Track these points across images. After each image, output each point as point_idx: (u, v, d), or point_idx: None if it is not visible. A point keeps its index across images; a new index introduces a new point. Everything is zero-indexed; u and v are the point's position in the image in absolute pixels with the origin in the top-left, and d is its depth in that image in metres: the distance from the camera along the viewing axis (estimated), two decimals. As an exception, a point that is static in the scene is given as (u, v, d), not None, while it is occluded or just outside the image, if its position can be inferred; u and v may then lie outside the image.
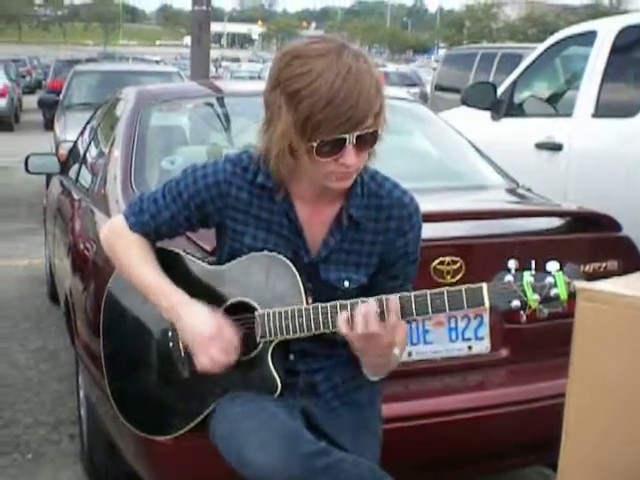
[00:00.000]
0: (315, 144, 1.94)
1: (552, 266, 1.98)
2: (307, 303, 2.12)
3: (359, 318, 1.99)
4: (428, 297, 2.02)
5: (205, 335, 2.11)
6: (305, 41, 2.00)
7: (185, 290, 2.21)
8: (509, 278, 2.00)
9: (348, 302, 2.05)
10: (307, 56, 1.93)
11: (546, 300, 1.98)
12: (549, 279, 1.98)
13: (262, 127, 2.06)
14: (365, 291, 2.18)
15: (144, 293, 2.22)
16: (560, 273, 1.98)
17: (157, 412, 2.36)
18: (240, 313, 2.19)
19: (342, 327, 2.02)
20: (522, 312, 2.00)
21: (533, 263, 2.00)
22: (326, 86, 1.89)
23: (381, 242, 2.19)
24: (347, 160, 1.98)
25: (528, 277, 1.99)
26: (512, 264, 2.00)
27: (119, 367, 2.43)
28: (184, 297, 2.17)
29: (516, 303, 1.99)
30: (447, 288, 2.03)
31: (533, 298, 1.98)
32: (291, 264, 2.13)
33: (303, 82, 1.91)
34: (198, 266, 2.29)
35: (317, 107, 1.89)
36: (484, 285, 2.00)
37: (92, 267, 3.19)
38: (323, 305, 2.08)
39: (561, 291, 1.97)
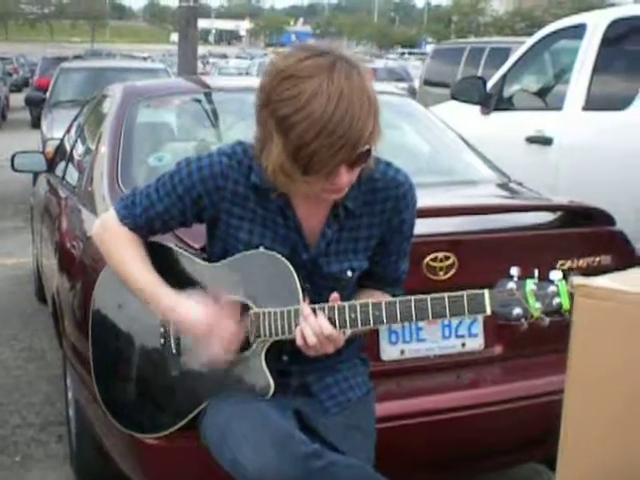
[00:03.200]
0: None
1: (555, 275, 1.96)
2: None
3: (311, 338, 2.01)
4: (428, 302, 2.00)
5: (198, 331, 2.08)
6: (296, 56, 1.90)
7: (178, 287, 2.17)
8: (511, 285, 1.97)
9: (346, 304, 2.03)
10: (297, 76, 1.85)
11: (548, 309, 1.95)
12: (552, 288, 1.95)
13: (255, 141, 2.01)
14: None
15: (136, 292, 2.19)
16: (563, 282, 1.95)
17: (147, 411, 2.33)
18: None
19: (297, 340, 2.03)
20: (524, 320, 1.97)
21: (536, 271, 1.97)
22: (317, 113, 1.82)
23: (378, 223, 2.18)
24: (339, 182, 1.95)
25: (531, 285, 1.96)
26: (515, 271, 1.97)
27: (108, 366, 2.40)
28: (176, 296, 2.13)
29: (518, 311, 1.96)
30: (448, 294, 2.00)
31: (535, 306, 1.95)
32: (288, 263, 2.08)
33: (293, 107, 1.84)
34: (193, 262, 2.25)
35: (308, 136, 1.83)
36: (486, 291, 1.98)
37: (79, 266, 3.15)
38: (319, 306, 2.05)
39: (564, 300, 1.93)
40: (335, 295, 2.05)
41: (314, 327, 2.01)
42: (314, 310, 2.02)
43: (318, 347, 2.03)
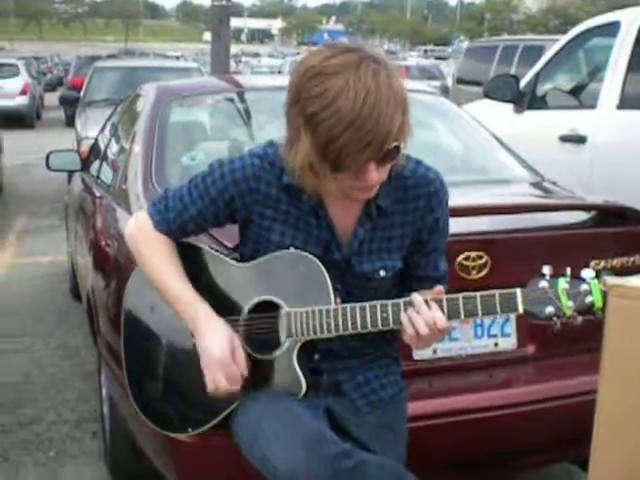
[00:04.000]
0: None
1: (587, 273, 1.95)
2: (335, 303, 2.09)
3: (421, 325, 2.00)
4: (460, 301, 2.00)
5: (215, 359, 2.09)
6: (324, 53, 1.91)
7: (210, 287, 2.19)
8: (543, 284, 1.97)
9: (378, 303, 2.04)
10: (324, 74, 1.86)
11: (581, 307, 1.94)
12: (584, 286, 1.94)
13: (285, 141, 2.01)
14: (399, 274, 2.19)
15: (166, 299, 2.20)
16: (595, 281, 1.94)
17: (179, 409, 2.33)
18: (266, 311, 2.16)
19: (408, 330, 2.01)
20: (556, 319, 1.97)
21: (568, 270, 1.97)
22: (345, 110, 1.82)
23: (411, 222, 2.17)
24: (369, 179, 1.94)
25: (563, 284, 1.96)
26: (547, 270, 1.97)
27: (140, 365, 2.41)
28: (205, 310, 2.14)
29: (550, 310, 1.96)
30: (480, 292, 2.00)
31: (568, 305, 1.95)
32: (319, 263, 2.09)
33: (320, 104, 1.85)
34: (224, 263, 2.26)
35: (336, 132, 1.84)
36: (518, 290, 1.98)
37: (114, 264, 3.17)
38: (352, 306, 2.06)
39: (596, 299, 1.93)
40: (439, 288, 2.05)
41: (427, 318, 2.00)
42: (426, 301, 2.01)
43: (428, 339, 2.03)
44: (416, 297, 2.03)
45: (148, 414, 2.38)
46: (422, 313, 2.00)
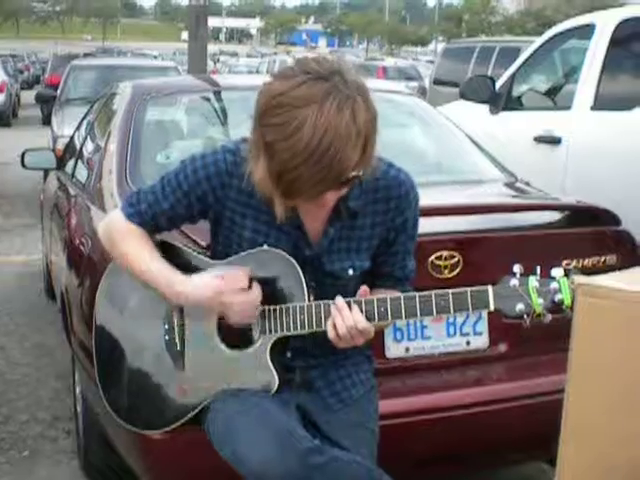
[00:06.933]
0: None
1: (557, 272, 2.01)
2: (309, 300, 2.10)
3: (344, 331, 2.03)
4: (433, 298, 2.03)
5: (210, 294, 2.09)
6: (294, 78, 1.87)
7: None
8: (514, 282, 2.02)
9: (351, 300, 2.06)
10: (288, 104, 1.84)
11: (550, 305, 2.00)
12: (554, 284, 2.00)
13: (249, 147, 2.00)
14: (367, 274, 2.21)
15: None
16: (565, 279, 2.00)
17: (151, 407, 2.33)
18: None
19: (329, 333, 2.05)
20: (526, 316, 2.02)
21: (538, 268, 2.02)
22: (300, 145, 1.82)
23: (381, 223, 2.19)
24: (323, 203, 2.02)
25: (533, 282, 2.01)
26: (517, 268, 2.03)
27: (111, 363, 2.40)
28: (182, 276, 2.15)
29: (521, 307, 2.01)
30: (452, 290, 2.03)
31: (538, 302, 2.00)
32: (294, 260, 2.10)
33: (279, 134, 1.84)
34: (199, 260, 2.26)
35: (290, 165, 1.84)
36: (489, 288, 2.02)
37: (88, 263, 3.17)
38: (325, 302, 2.08)
39: (565, 297, 1.99)
40: (365, 288, 2.08)
41: (347, 320, 2.03)
42: (348, 303, 2.04)
43: (349, 339, 2.05)
44: (339, 299, 2.06)
45: (119, 413, 2.37)
46: (344, 315, 2.03)
